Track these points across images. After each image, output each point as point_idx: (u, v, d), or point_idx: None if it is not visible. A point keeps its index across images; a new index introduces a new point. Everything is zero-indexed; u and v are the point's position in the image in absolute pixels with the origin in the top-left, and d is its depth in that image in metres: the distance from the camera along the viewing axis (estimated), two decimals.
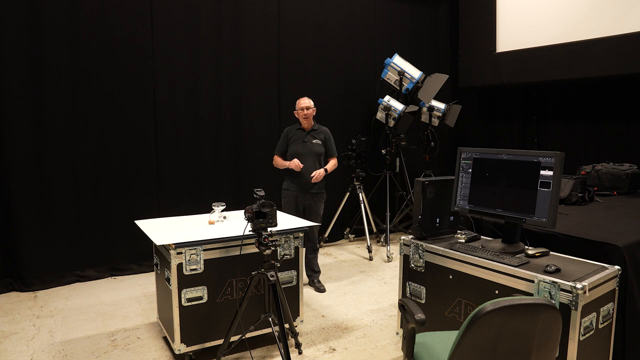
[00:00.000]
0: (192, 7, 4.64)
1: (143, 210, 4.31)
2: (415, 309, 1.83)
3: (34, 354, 2.94)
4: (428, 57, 6.38)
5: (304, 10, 5.33)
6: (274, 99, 5.23)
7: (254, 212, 2.51)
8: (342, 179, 5.48)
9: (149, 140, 4.53)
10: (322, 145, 4.01)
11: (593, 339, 2.13)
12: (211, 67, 4.80)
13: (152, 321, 3.43)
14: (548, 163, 2.25)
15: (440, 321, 2.50)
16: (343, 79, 5.71)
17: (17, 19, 3.89)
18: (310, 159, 3.96)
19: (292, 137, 4.01)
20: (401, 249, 2.75)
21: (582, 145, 5.29)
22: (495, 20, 5.83)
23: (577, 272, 2.12)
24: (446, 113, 5.66)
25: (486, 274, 2.29)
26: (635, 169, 4.14)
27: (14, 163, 3.96)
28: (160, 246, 2.86)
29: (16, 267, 4.04)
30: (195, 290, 2.72)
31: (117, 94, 4.35)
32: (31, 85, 3.99)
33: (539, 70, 5.30)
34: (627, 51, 4.50)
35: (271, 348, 3.01)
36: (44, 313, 3.58)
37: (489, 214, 2.49)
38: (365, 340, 3.16)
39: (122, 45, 4.33)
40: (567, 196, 3.54)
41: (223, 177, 4.94)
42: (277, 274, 2.59)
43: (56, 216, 4.15)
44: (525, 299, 1.57)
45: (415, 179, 2.74)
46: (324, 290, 4.06)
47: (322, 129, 4.07)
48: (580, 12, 4.95)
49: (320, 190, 4.03)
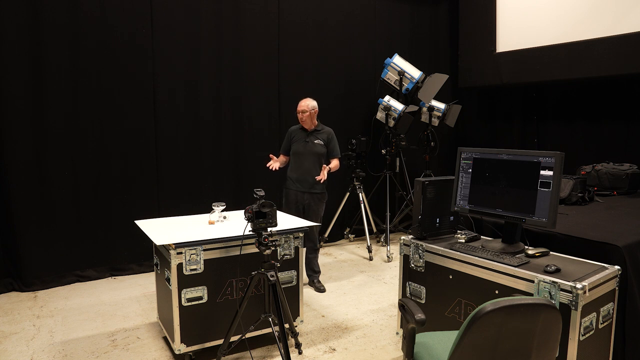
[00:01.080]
0: (192, 7, 4.64)
1: (143, 210, 4.31)
2: (415, 309, 1.83)
3: (34, 354, 2.94)
4: (428, 57, 6.38)
5: (304, 10, 5.33)
6: (274, 99, 5.23)
7: (254, 212, 2.51)
8: (342, 179, 5.48)
9: (149, 140, 4.53)
10: (323, 146, 4.00)
11: (593, 339, 2.12)
12: (211, 67, 4.80)
13: (152, 321, 3.43)
14: (548, 163, 2.25)
15: (440, 321, 2.50)
16: (343, 79, 5.71)
17: (17, 19, 3.89)
18: (311, 159, 3.96)
19: (294, 137, 4.04)
20: (401, 249, 2.75)
21: (582, 145, 5.29)
22: (495, 20, 5.83)
23: (577, 272, 2.11)
24: (446, 113, 5.66)
25: (486, 274, 2.29)
26: (635, 169, 4.14)
27: (14, 163, 3.96)
28: (160, 246, 2.86)
29: (16, 267, 4.04)
30: (195, 290, 2.72)
31: (117, 94, 4.35)
32: (31, 85, 3.99)
33: (539, 70, 5.30)
34: (627, 51, 4.50)
35: (271, 348, 3.01)
36: (44, 313, 3.58)
37: (489, 214, 2.49)
38: (365, 340, 3.16)
39: (122, 45, 4.33)
40: (567, 196, 3.54)
41: (223, 177, 4.94)
42: (277, 274, 2.59)
43: (56, 216, 4.15)
44: (525, 299, 1.57)
45: (415, 179, 2.74)
46: (324, 290, 4.06)
47: (326, 129, 4.06)
48: (580, 12, 4.95)
49: (321, 190, 4.02)
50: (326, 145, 4.01)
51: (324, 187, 4.06)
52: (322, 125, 4.08)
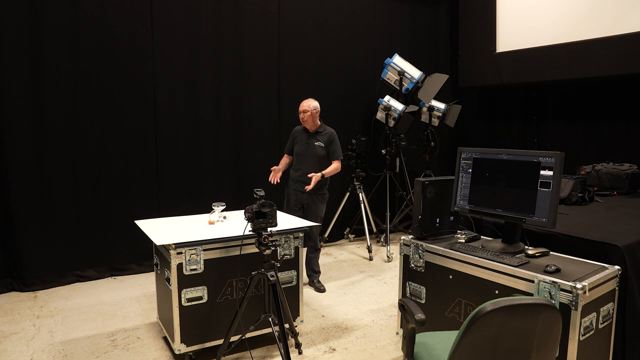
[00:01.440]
0: (192, 7, 4.64)
1: (143, 210, 4.31)
2: (415, 309, 1.83)
3: (34, 354, 2.94)
4: (428, 57, 6.38)
5: (304, 10, 5.33)
6: (274, 99, 5.23)
7: (254, 212, 2.51)
8: (342, 179, 5.48)
9: (149, 140, 4.53)
10: (324, 148, 3.96)
11: (593, 339, 2.12)
12: (211, 67, 4.80)
13: (152, 321, 3.43)
14: (548, 163, 2.25)
15: (440, 321, 2.50)
16: (343, 79, 5.71)
17: (17, 19, 3.89)
18: (311, 160, 3.95)
19: (297, 137, 4.05)
20: (401, 249, 2.75)
21: (582, 145, 5.29)
22: (495, 20, 5.83)
23: (577, 272, 2.12)
24: (446, 113, 5.66)
25: (486, 274, 2.29)
26: (635, 169, 4.14)
27: (14, 163, 3.96)
28: (160, 246, 2.86)
29: (16, 267, 4.04)
30: (195, 290, 2.72)
31: (117, 94, 4.35)
32: (31, 85, 3.99)
33: (539, 70, 5.30)
34: (627, 51, 4.50)
35: (271, 348, 3.01)
36: (44, 313, 3.58)
37: (489, 214, 2.49)
38: (365, 340, 3.16)
39: (122, 45, 4.33)
40: (567, 196, 3.54)
41: (223, 177, 4.94)
42: (277, 274, 2.60)
43: (56, 216, 4.15)
44: (525, 299, 1.57)
45: (415, 179, 2.74)
46: (324, 290, 4.06)
47: (327, 130, 4.02)
48: (580, 12, 4.95)
49: (320, 190, 4.00)
50: (327, 147, 3.99)
51: (325, 188, 4.05)
52: (325, 127, 4.05)
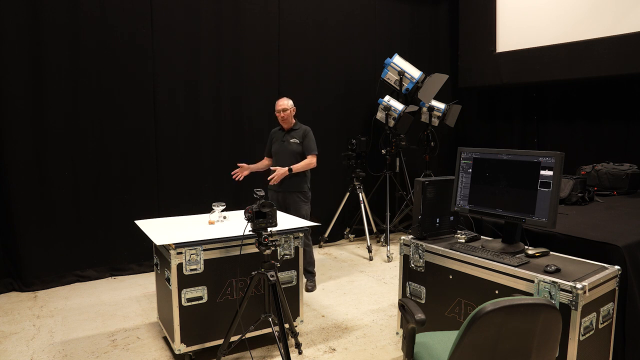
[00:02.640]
0: (192, 7, 4.64)
1: (143, 210, 4.31)
2: (415, 309, 1.83)
3: (34, 354, 2.94)
4: (428, 57, 6.38)
5: (304, 10, 5.33)
6: (274, 99, 5.18)
7: (254, 212, 2.51)
8: (342, 179, 5.48)
9: (149, 140, 4.53)
10: (299, 144, 3.93)
11: (593, 339, 2.12)
12: (211, 67, 4.80)
13: (152, 321, 3.43)
14: (548, 163, 2.25)
15: (440, 321, 2.50)
16: (343, 79, 5.71)
17: (17, 19, 3.89)
18: (287, 158, 3.92)
19: (273, 137, 4.05)
20: (401, 249, 2.75)
21: (582, 145, 5.28)
22: (495, 20, 5.83)
23: (577, 272, 2.11)
24: (446, 113, 5.66)
25: (486, 274, 2.29)
26: (635, 169, 4.14)
27: (14, 163, 3.96)
28: (160, 246, 2.86)
29: (16, 267, 4.04)
30: (195, 290, 2.72)
31: (117, 94, 4.35)
32: (31, 85, 3.99)
33: (539, 70, 5.30)
34: (627, 51, 4.50)
35: (271, 348, 3.01)
36: (44, 313, 3.58)
37: (489, 214, 2.49)
38: (365, 340, 3.16)
39: (122, 45, 4.33)
40: (567, 196, 3.54)
41: (223, 177, 4.93)
42: (277, 274, 2.60)
43: (56, 216, 4.15)
44: (525, 299, 1.57)
45: (415, 179, 2.74)
46: (312, 290, 4.04)
47: (302, 127, 4.00)
48: (580, 12, 4.95)
49: (297, 189, 3.92)
50: (302, 143, 3.94)
51: (305, 186, 3.97)
52: (300, 124, 4.03)
